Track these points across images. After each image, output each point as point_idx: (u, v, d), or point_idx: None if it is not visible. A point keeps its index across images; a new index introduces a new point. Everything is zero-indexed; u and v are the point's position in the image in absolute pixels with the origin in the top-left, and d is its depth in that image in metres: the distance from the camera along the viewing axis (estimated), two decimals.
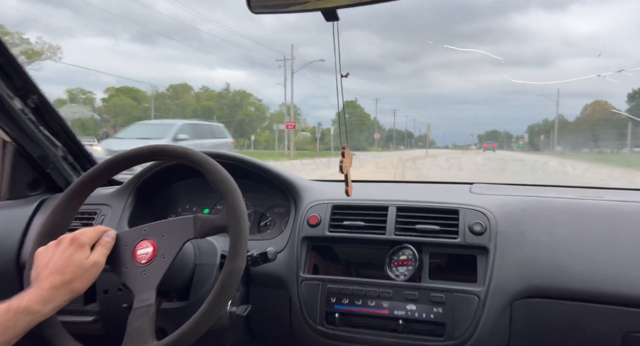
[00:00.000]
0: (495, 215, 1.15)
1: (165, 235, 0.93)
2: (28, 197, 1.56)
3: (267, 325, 1.28)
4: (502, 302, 1.06)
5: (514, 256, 1.09)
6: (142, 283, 0.89)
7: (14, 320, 0.76)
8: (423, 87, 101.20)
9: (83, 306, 1.32)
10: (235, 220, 0.88)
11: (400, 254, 1.14)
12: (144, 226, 0.95)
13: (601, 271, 1.05)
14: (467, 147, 68.44)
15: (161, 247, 0.91)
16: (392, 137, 76.61)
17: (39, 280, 0.82)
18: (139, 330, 0.83)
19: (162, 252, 0.91)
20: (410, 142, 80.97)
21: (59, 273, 0.82)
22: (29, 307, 0.78)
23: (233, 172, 0.97)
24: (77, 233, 0.87)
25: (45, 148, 1.51)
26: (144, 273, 0.90)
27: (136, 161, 1.03)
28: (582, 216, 1.16)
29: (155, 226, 0.95)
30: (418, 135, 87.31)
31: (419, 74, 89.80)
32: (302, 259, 1.20)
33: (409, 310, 1.08)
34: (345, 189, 1.08)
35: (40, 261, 0.85)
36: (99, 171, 1.02)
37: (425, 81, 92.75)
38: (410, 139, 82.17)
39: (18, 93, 1.40)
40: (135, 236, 0.94)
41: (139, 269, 0.90)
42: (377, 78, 79.49)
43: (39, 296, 0.79)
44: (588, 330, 1.04)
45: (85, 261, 0.85)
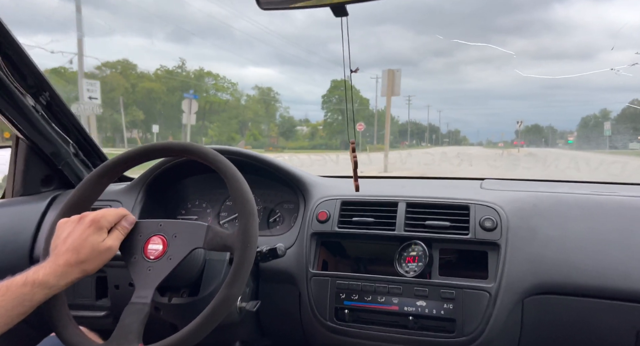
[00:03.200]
0: (506, 211, 1.14)
1: (178, 236, 0.93)
2: (41, 193, 1.58)
3: (277, 321, 1.28)
4: (514, 298, 1.05)
5: (525, 252, 1.08)
6: (145, 278, 0.90)
7: (31, 293, 0.79)
8: (457, 82, 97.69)
9: (95, 301, 1.34)
10: (243, 245, 0.88)
11: (410, 251, 1.14)
12: (161, 221, 0.95)
13: (614, 267, 1.03)
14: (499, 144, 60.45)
15: (171, 247, 0.92)
16: (407, 131, 62.24)
17: (56, 255, 0.85)
18: (127, 329, 0.84)
19: (170, 253, 0.91)
20: (432, 138, 67.93)
21: (75, 251, 0.84)
22: (45, 281, 0.81)
23: (242, 168, 0.97)
24: (98, 214, 0.89)
25: (57, 145, 1.53)
26: (149, 269, 0.90)
27: (167, 153, 1.04)
28: (595, 212, 1.15)
29: (171, 224, 0.95)
30: (447, 131, 74.40)
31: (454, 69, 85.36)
32: (311, 255, 1.20)
33: (419, 306, 1.08)
34: (355, 184, 1.08)
35: (60, 233, 0.88)
36: (134, 154, 1.02)
37: (460, 76, 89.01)
38: (434, 134, 69.03)
39: (30, 90, 1.42)
40: (151, 229, 0.94)
41: (145, 264, 0.91)
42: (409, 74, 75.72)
43: (54, 271, 0.82)
44: (601, 327, 1.03)
45: (100, 244, 0.86)
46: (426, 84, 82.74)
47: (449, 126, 79.70)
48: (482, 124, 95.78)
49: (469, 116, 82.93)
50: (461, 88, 73.43)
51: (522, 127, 20.46)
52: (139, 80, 38.79)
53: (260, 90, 49.80)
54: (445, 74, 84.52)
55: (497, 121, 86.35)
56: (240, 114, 45.16)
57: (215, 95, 44.00)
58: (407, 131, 62.71)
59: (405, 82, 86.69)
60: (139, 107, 36.85)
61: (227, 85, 45.89)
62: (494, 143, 58.20)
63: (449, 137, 71.32)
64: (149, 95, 38.42)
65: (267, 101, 48.57)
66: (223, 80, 45.58)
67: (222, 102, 44.05)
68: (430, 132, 68.08)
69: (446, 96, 77.79)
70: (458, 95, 70.02)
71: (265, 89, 50.74)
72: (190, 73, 43.76)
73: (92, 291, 1.34)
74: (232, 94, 46.03)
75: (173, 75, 42.39)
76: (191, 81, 42.37)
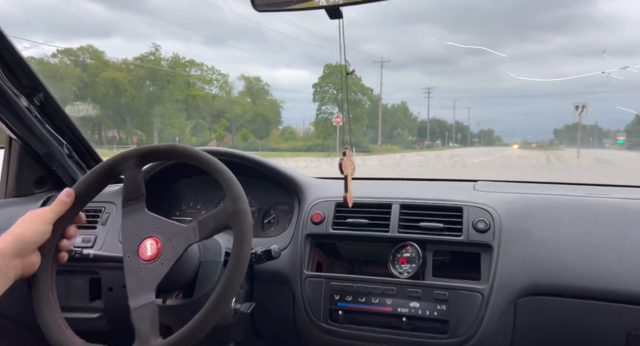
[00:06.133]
0: (499, 213, 1.15)
1: (173, 240, 0.92)
2: (34, 194, 1.57)
3: (271, 322, 1.28)
4: (506, 300, 1.06)
5: (518, 254, 1.09)
6: (137, 281, 0.89)
7: None
8: (493, 81, 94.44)
9: (88, 303, 1.33)
10: (237, 218, 0.88)
11: (403, 252, 1.14)
12: (159, 222, 0.95)
13: (606, 268, 1.04)
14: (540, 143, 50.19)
15: (165, 250, 0.91)
16: (426, 130, 51.58)
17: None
18: (145, 334, 0.83)
19: (163, 257, 0.90)
20: (457, 138, 58.54)
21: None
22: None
23: (236, 169, 0.97)
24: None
25: (51, 146, 1.52)
26: (141, 270, 0.90)
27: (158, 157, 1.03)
28: (588, 214, 1.16)
29: (168, 226, 0.94)
30: (478, 130, 64.60)
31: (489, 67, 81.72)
32: (305, 257, 1.21)
33: (412, 308, 1.08)
34: (344, 195, 1.06)
35: None
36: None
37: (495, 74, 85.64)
38: (460, 133, 59.79)
39: (24, 91, 1.41)
40: (148, 228, 0.94)
41: (137, 265, 0.90)
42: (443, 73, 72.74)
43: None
44: (592, 328, 1.04)
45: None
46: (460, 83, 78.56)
47: (480, 125, 69.39)
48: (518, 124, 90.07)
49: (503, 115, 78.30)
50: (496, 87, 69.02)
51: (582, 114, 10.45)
52: (100, 69, 32.52)
53: (247, 80, 41.71)
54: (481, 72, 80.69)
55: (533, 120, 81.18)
56: (229, 109, 38.99)
57: (201, 88, 37.63)
58: (426, 129, 52.39)
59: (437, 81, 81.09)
60: (96, 102, 31.17)
61: (216, 77, 38.55)
62: (528, 143, 49.59)
63: (480, 136, 62.54)
64: (113, 87, 32.20)
65: (255, 93, 41.58)
66: (211, 71, 38.27)
67: (208, 96, 37.81)
68: (457, 131, 58.66)
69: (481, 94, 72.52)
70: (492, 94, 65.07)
71: (253, 79, 42.26)
72: (162, 60, 35.94)
73: (86, 293, 1.34)
74: (222, 87, 39.10)
75: (144, 62, 35.06)
76: (163, 70, 35.20)
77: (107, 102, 32.29)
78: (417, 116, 51.63)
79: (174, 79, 35.55)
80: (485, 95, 69.30)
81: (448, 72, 67.79)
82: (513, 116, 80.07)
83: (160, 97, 34.05)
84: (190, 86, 36.34)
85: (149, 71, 34.68)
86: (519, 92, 70.20)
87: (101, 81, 31.93)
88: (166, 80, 35.29)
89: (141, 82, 34.67)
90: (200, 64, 38.02)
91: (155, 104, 33.14)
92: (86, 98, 30.46)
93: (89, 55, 33.28)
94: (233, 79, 41.50)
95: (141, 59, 35.35)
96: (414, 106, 49.81)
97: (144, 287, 0.88)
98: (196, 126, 36.64)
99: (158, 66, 35.20)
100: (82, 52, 32.75)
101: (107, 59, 34.27)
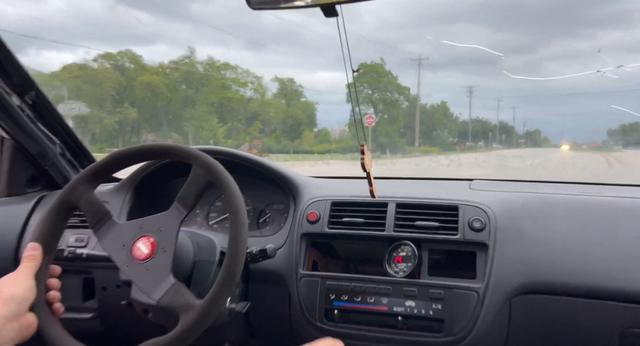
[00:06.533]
0: (494, 211, 1.15)
1: (162, 228, 0.92)
2: (26, 194, 1.56)
3: (267, 322, 1.28)
4: (501, 298, 1.07)
5: (513, 253, 1.10)
6: (149, 279, 0.88)
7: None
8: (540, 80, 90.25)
9: (81, 303, 1.32)
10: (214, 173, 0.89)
11: (399, 251, 1.14)
12: (139, 223, 0.94)
13: (600, 267, 1.05)
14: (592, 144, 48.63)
15: (160, 240, 0.91)
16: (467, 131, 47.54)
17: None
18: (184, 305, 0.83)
19: (161, 247, 0.90)
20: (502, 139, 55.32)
21: None
22: None
23: (231, 168, 0.97)
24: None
25: (43, 145, 1.51)
26: (147, 269, 0.89)
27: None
28: (581, 212, 1.16)
29: (150, 221, 0.94)
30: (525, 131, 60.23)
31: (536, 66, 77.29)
32: (301, 256, 1.20)
33: (408, 307, 1.09)
34: (370, 189, 1.07)
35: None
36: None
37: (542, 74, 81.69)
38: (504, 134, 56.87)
39: (16, 90, 1.40)
40: (132, 234, 0.93)
41: (139, 267, 0.90)
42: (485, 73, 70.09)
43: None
44: (586, 326, 1.04)
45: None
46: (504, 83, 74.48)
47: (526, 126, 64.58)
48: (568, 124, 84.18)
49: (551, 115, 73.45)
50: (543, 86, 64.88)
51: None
52: (138, 73, 32.34)
53: (281, 82, 39.67)
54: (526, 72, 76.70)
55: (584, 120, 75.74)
56: (262, 112, 37.39)
57: (236, 91, 36.52)
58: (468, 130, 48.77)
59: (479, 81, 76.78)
60: (133, 105, 31.05)
61: (250, 79, 37.25)
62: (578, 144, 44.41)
63: (526, 137, 57.55)
64: (150, 90, 31.92)
65: (289, 95, 39.49)
66: (245, 73, 37.27)
67: (242, 99, 36.70)
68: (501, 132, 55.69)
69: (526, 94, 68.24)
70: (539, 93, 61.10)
71: (287, 81, 40.05)
72: (196, 63, 35.40)
73: (79, 293, 1.33)
74: (256, 89, 37.72)
75: (179, 66, 34.71)
76: (197, 74, 34.78)
77: (144, 106, 32.30)
78: (458, 116, 48.09)
79: (208, 82, 35.29)
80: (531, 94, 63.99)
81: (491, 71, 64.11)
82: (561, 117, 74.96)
83: (195, 100, 33.76)
84: (225, 88, 35.76)
85: (185, 74, 34.84)
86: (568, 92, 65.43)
87: (138, 85, 31.75)
88: (201, 83, 35.11)
89: (177, 85, 34.35)
90: (235, 67, 37.25)
91: (190, 107, 33.15)
92: (124, 102, 30.60)
93: (127, 59, 33.34)
94: (267, 82, 40.79)
95: (177, 62, 35.32)
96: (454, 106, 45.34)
97: (157, 278, 0.87)
98: (231, 129, 36.27)
99: (193, 69, 35.19)
100: (121, 56, 32.86)
101: (145, 62, 34.45)
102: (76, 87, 28.92)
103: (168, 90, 33.18)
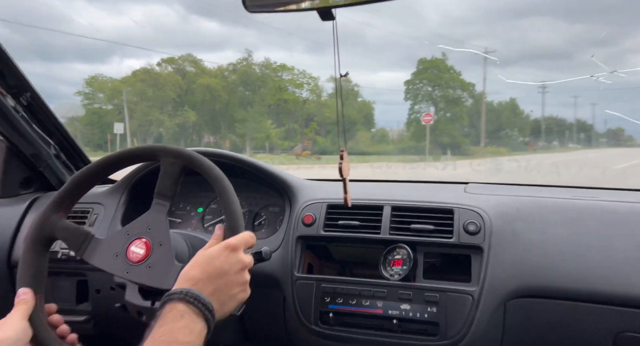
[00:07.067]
0: (489, 215, 1.15)
1: (150, 227, 0.92)
2: (20, 195, 1.55)
3: (261, 325, 1.27)
4: (496, 302, 1.07)
5: (507, 256, 1.10)
6: (154, 274, 0.88)
7: None
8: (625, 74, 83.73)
9: (75, 305, 1.31)
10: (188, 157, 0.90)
11: (394, 254, 1.14)
12: (123, 231, 0.94)
13: (594, 271, 1.05)
14: None
15: (153, 238, 0.91)
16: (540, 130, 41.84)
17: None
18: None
19: (156, 241, 0.91)
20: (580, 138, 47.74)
21: None
22: None
23: (227, 171, 0.97)
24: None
25: (37, 146, 1.50)
26: (149, 266, 0.89)
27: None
28: (576, 216, 1.17)
29: (133, 226, 0.94)
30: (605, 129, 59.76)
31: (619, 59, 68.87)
32: (296, 259, 1.20)
33: (403, 310, 1.08)
34: (344, 196, 1.07)
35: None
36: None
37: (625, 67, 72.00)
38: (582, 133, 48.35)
39: (11, 91, 1.39)
40: (122, 242, 0.92)
41: (140, 269, 0.89)
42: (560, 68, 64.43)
43: None
44: (581, 330, 1.05)
45: None
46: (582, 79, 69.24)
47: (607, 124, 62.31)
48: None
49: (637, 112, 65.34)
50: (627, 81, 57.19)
51: None
52: (198, 76, 32.74)
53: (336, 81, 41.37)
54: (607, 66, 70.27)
55: None
56: (318, 113, 35.98)
57: (293, 92, 35.65)
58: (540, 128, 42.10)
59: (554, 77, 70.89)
60: (193, 108, 31.13)
61: (306, 80, 35.99)
62: None
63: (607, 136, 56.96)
64: (209, 93, 32.03)
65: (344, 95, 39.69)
66: (302, 75, 36.16)
67: (298, 100, 36.08)
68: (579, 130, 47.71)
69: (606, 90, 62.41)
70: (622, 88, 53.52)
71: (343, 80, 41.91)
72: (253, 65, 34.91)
73: (72, 296, 1.32)
74: (312, 90, 36.39)
75: (237, 68, 34.68)
76: (254, 75, 34.44)
77: (203, 108, 32.39)
78: (528, 114, 42.48)
79: (265, 84, 34.97)
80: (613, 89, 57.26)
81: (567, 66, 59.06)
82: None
83: (252, 103, 33.58)
84: (281, 90, 35.05)
85: (242, 76, 34.87)
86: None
87: (198, 88, 32.15)
88: (258, 85, 34.95)
89: (234, 88, 34.49)
90: (291, 68, 36.03)
91: (245, 109, 33.05)
92: (184, 105, 30.93)
93: (188, 63, 33.90)
94: (322, 82, 38.21)
95: (235, 64, 35.50)
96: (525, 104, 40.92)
97: (163, 269, 0.88)
98: (288, 130, 35.55)
99: (250, 69, 35.17)
100: (182, 60, 33.53)
101: (205, 65, 34.79)
102: (141, 91, 30.12)
103: (226, 92, 33.37)
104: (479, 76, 37.86)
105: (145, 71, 30.92)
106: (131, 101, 29.01)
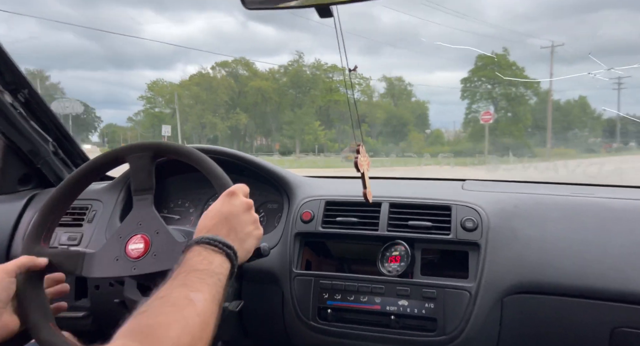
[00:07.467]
0: (487, 212, 1.16)
1: (141, 223, 0.92)
2: (18, 192, 1.55)
3: (260, 321, 1.28)
4: (493, 298, 1.07)
5: (505, 253, 1.10)
6: (160, 261, 0.88)
7: None
8: None
9: (74, 301, 1.31)
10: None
11: (392, 250, 1.15)
12: (117, 234, 0.93)
13: (591, 267, 1.06)
14: None
15: (148, 229, 0.91)
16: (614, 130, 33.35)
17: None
18: None
19: (152, 231, 0.90)
20: None
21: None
22: None
23: (226, 168, 0.97)
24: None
25: (35, 143, 1.50)
26: (154, 254, 0.89)
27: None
28: (573, 213, 1.17)
29: (124, 227, 0.93)
30: None
31: None
32: (295, 255, 1.20)
33: (400, 306, 1.09)
34: (363, 191, 1.07)
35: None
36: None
37: None
38: None
39: (8, 87, 1.39)
40: (118, 246, 0.92)
41: (147, 259, 0.89)
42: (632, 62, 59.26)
43: None
44: (577, 325, 1.05)
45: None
46: None
47: None
48: None
49: None
50: None
51: None
52: (250, 79, 33.12)
53: (389, 81, 36.87)
54: None
55: None
56: (369, 113, 34.61)
57: (344, 94, 32.62)
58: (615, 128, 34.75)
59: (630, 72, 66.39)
60: (245, 111, 31.63)
61: (358, 81, 34.02)
62: None
63: None
64: (260, 95, 32.08)
65: (397, 95, 36.79)
66: (353, 75, 35.26)
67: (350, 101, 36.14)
68: None
69: None
70: None
71: (395, 79, 36.86)
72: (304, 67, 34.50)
73: (71, 292, 1.32)
74: (364, 91, 35.14)
75: (288, 70, 34.33)
76: (305, 76, 34.03)
77: (255, 111, 32.62)
78: (601, 113, 37.03)
79: (315, 85, 34.69)
80: None
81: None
82: None
83: (303, 105, 33.56)
84: (332, 91, 34.23)
85: (293, 78, 34.58)
86: None
87: (249, 90, 32.66)
88: (308, 87, 34.68)
89: (285, 90, 34.48)
90: (343, 69, 35.87)
91: (294, 110, 32.95)
92: (236, 107, 31.38)
93: (241, 66, 34.37)
94: (374, 82, 38.08)
95: (285, 67, 35.37)
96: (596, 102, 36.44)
97: (169, 250, 0.88)
98: (339, 132, 34.84)
99: (300, 71, 34.84)
100: (235, 64, 34.25)
101: (256, 68, 35.11)
102: (196, 94, 31.36)
103: (277, 95, 33.50)
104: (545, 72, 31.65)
105: (200, 75, 31.84)
106: (187, 104, 29.36)
